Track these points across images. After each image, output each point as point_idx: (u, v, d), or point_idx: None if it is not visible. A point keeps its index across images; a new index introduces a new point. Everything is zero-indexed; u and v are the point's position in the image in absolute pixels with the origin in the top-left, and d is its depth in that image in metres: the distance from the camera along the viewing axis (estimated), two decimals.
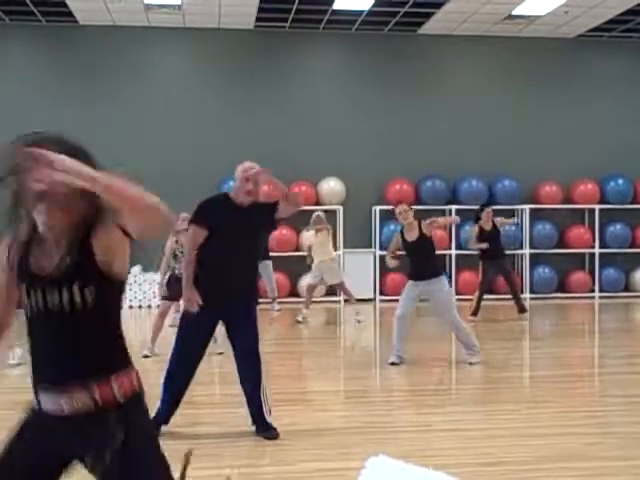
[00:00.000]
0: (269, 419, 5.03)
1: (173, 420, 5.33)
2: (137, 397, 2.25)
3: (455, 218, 9.67)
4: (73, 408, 2.16)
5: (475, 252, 11.35)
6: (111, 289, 2.21)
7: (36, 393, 2.22)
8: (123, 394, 2.19)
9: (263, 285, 11.61)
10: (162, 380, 5.05)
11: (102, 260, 2.15)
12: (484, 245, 10.67)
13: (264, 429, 5.00)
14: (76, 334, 2.18)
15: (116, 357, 2.25)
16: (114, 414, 2.16)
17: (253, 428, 5.03)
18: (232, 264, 4.90)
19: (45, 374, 2.20)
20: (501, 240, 10.99)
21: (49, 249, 2.18)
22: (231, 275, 4.92)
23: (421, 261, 7.53)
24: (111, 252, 2.16)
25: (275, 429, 5.01)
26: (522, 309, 11.05)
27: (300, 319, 10.93)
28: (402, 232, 7.69)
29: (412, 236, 7.55)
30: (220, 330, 5.43)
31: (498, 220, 11.09)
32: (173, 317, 9.26)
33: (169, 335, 7.57)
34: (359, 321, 10.93)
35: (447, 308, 7.48)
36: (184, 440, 4.85)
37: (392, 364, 7.48)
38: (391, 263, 7.76)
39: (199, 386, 6.54)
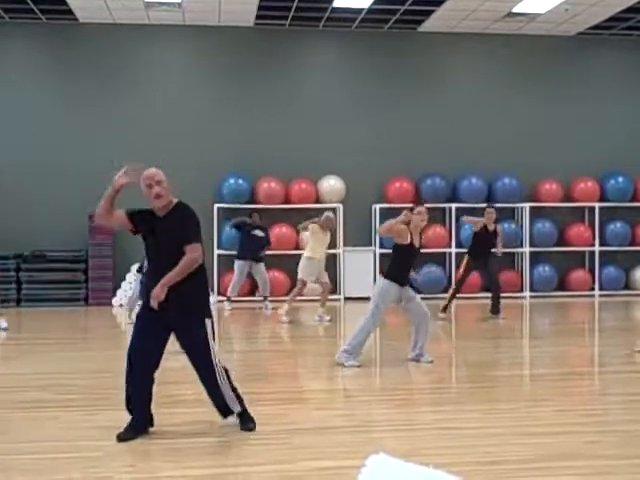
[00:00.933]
0: (235, 408, 4.97)
1: (172, 420, 5.33)
2: None
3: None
4: None
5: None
6: None
7: None
8: None
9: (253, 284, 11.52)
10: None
11: None
12: (477, 221, 10.91)
13: (243, 421, 5.00)
14: None
15: None
16: None
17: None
18: (161, 272, 4.73)
19: None
20: (495, 243, 11.02)
21: None
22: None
23: (410, 267, 7.51)
24: None
25: (252, 420, 5.01)
26: (496, 310, 11.04)
27: (284, 319, 10.81)
28: (411, 234, 7.36)
29: (418, 241, 7.48)
30: None
31: (500, 229, 11.13)
32: None
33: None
34: (320, 320, 10.86)
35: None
36: (183, 440, 4.86)
37: (359, 366, 7.31)
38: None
39: (196, 385, 6.55)
